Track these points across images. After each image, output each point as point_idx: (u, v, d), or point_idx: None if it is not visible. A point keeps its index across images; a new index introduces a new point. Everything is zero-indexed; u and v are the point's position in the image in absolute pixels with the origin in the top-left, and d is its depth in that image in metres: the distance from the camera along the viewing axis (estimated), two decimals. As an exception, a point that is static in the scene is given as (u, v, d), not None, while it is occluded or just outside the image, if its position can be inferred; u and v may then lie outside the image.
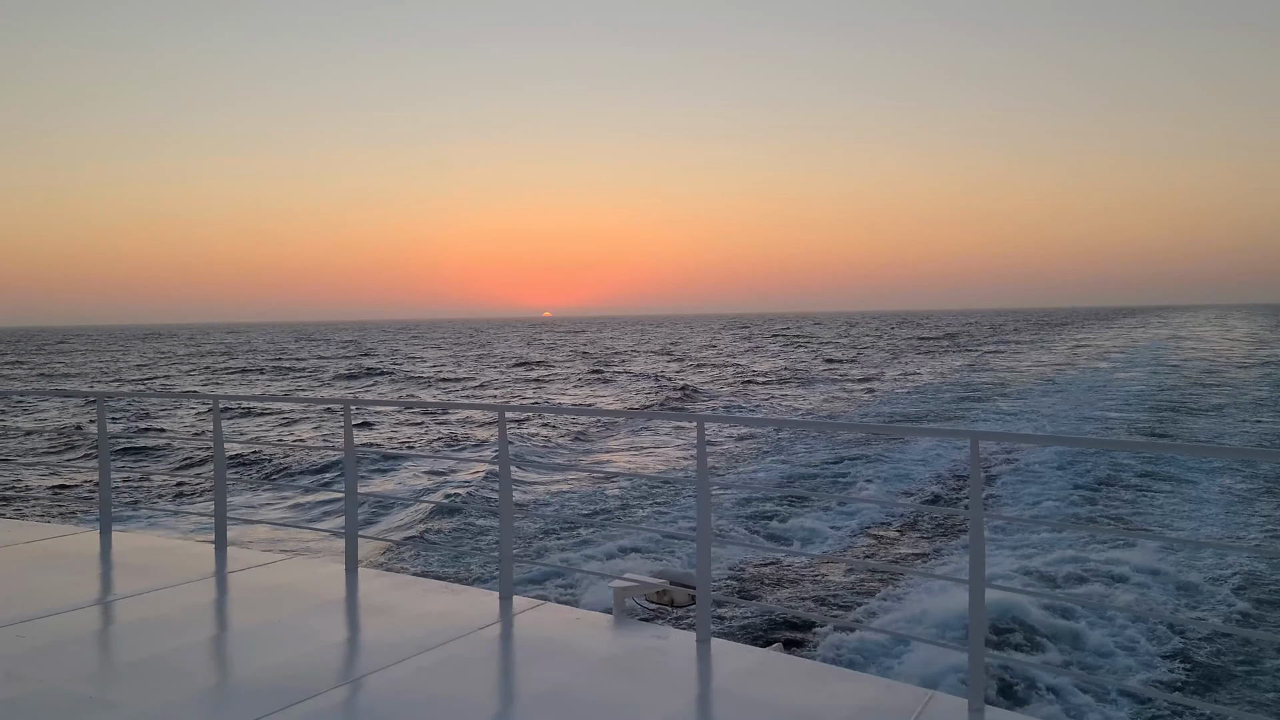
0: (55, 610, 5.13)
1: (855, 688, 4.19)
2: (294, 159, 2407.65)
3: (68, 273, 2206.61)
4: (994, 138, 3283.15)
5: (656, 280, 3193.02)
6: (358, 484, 6.09)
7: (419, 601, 5.39)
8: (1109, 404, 31.75)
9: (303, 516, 17.18)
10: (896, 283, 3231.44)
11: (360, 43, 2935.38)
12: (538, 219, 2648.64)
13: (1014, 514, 15.60)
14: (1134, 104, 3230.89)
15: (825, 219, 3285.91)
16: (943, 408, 32.87)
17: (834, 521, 15.17)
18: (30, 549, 6.61)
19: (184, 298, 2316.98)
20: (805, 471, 20.35)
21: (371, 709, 3.89)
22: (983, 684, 3.79)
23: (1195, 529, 14.54)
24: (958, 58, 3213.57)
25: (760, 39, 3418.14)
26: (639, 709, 3.88)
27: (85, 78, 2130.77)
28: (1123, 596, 11.03)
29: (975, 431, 3.99)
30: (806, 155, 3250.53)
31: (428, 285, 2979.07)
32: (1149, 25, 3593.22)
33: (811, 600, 11.42)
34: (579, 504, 17.56)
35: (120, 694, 4.04)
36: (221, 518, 6.65)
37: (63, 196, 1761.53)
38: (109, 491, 7.13)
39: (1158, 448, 13.41)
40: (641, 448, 24.96)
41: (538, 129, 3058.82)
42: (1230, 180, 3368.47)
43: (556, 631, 4.88)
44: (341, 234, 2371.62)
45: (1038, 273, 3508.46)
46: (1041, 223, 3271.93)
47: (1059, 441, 4.54)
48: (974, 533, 3.81)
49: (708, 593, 4.62)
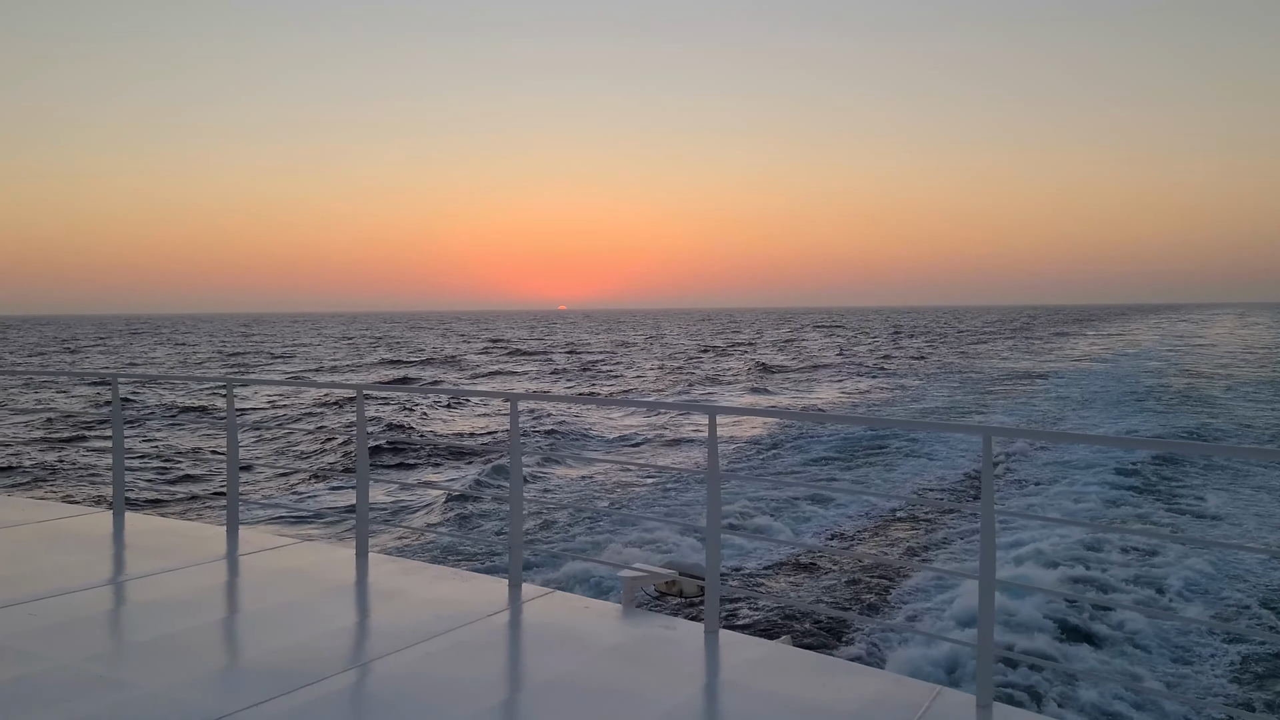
0: (67, 590, 5.17)
1: (863, 682, 4.18)
2: (309, 150, 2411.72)
3: (78, 261, 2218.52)
4: (996, 133, 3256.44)
5: (666, 274, 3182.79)
6: (369, 469, 6.10)
7: (428, 587, 5.40)
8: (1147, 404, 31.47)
9: (314, 501, 17.26)
10: (929, 279, 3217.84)
11: (375, 34, 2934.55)
12: (549, 212, 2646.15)
13: (1025, 510, 15.52)
14: (1136, 99, 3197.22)
15: (839, 212, 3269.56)
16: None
17: (844, 515, 15.15)
18: (43, 529, 6.65)
19: (197, 288, 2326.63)
20: (816, 464, 20.31)
21: (380, 693, 3.91)
22: (991, 681, 3.76)
23: (1208, 529, 14.45)
24: (963, 52, 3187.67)
25: (786, 37, 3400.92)
26: (646, 698, 3.87)
27: (101, 69, 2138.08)
28: (1135, 595, 10.98)
29: (988, 427, 3.97)
30: (809, 149, 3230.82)
31: (443, 278, 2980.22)
32: (1151, 23, 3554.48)
33: (821, 593, 11.40)
34: (589, 493, 17.58)
35: (130, 674, 4.06)
36: (233, 500, 6.67)
37: (76, 187, 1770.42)
38: (122, 472, 7.17)
39: (1173, 446, 13.32)
40: (653, 438, 24.97)
41: (552, 122, 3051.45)
42: (1231, 180, 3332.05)
43: (565, 620, 4.88)
44: (358, 226, 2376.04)
45: (1039, 270, 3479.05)
46: (1047, 219, 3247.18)
47: (1072, 439, 4.51)
48: (985, 528, 3.79)
49: (717, 584, 4.61)
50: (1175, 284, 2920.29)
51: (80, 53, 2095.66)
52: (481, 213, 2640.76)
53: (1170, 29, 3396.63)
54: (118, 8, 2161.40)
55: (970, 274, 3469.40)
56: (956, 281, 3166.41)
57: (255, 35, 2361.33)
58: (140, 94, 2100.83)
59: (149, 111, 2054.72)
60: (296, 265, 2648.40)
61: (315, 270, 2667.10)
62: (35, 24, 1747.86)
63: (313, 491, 17.99)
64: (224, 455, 6.85)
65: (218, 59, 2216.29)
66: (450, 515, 15.68)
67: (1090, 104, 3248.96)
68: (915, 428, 29.84)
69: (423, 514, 15.89)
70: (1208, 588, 11.22)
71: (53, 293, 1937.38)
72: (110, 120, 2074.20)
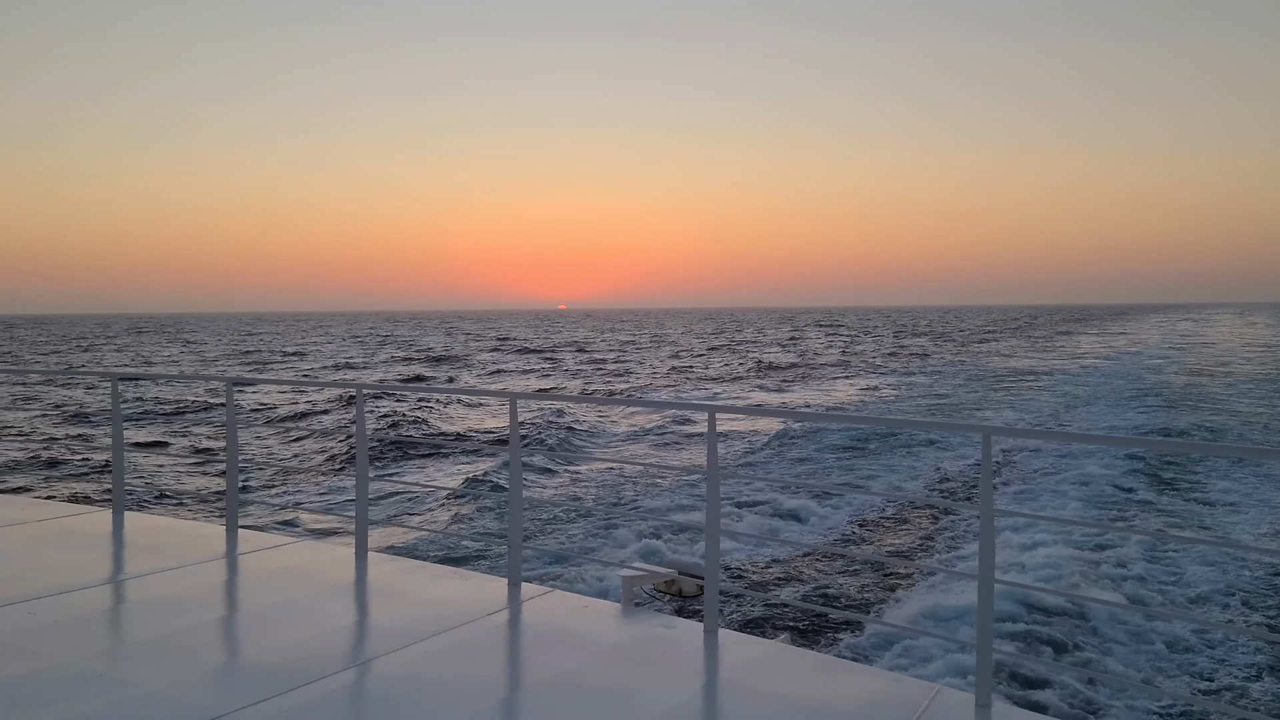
0: (66, 588, 5.16)
1: (862, 681, 4.18)
2: (309, 150, 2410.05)
3: (78, 261, 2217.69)
4: (996, 133, 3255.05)
5: (666, 274, 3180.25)
6: (369, 468, 6.10)
7: (428, 586, 5.40)
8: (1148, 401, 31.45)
9: (314, 500, 17.26)
10: (915, 278, 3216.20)
11: (375, 34, 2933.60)
12: (548, 212, 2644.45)
13: (1024, 509, 15.52)
14: (1136, 99, 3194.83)
15: (839, 212, 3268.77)
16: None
17: (844, 514, 15.15)
18: (43, 527, 6.65)
19: (198, 288, 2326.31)
20: (816, 463, 20.31)
21: (379, 692, 3.91)
22: (990, 680, 3.77)
23: (1209, 528, 14.45)
24: (963, 52, 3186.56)
25: (786, 37, 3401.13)
26: (645, 697, 3.87)
27: (103, 69, 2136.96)
28: (1135, 595, 10.97)
29: (987, 426, 3.97)
30: (809, 149, 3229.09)
31: (442, 277, 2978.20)
32: (1151, 23, 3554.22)
33: (820, 592, 11.40)
34: (589, 492, 17.59)
35: (129, 672, 4.06)
36: (233, 499, 6.67)
37: (78, 187, 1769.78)
38: (122, 471, 7.17)
39: (1173, 447, 13.32)
40: (652, 437, 24.97)
41: (552, 122, 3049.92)
42: (1232, 180, 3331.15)
43: (564, 619, 4.88)
44: (358, 225, 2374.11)
45: (1039, 270, 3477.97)
46: (1047, 219, 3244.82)
47: (1072, 439, 4.50)
48: (984, 528, 3.79)
49: (716, 583, 4.61)
50: (1176, 284, 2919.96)
51: (83, 52, 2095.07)
52: (481, 212, 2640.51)
53: (1170, 28, 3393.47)
54: (124, 7, 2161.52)
55: (970, 274, 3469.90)
56: (957, 281, 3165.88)
57: (260, 36, 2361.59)
58: (145, 93, 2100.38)
59: (152, 110, 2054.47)
60: (297, 265, 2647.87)
61: (316, 270, 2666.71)
62: (36, 24, 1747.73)
63: (312, 490, 17.99)
64: (224, 454, 6.85)
65: (224, 58, 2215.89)
66: (450, 514, 15.69)
67: (1090, 104, 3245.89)
68: (915, 427, 29.84)
69: (422, 513, 15.90)
70: (1209, 587, 11.21)
71: (52, 293, 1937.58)
72: (112, 120, 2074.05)
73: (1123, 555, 12.23)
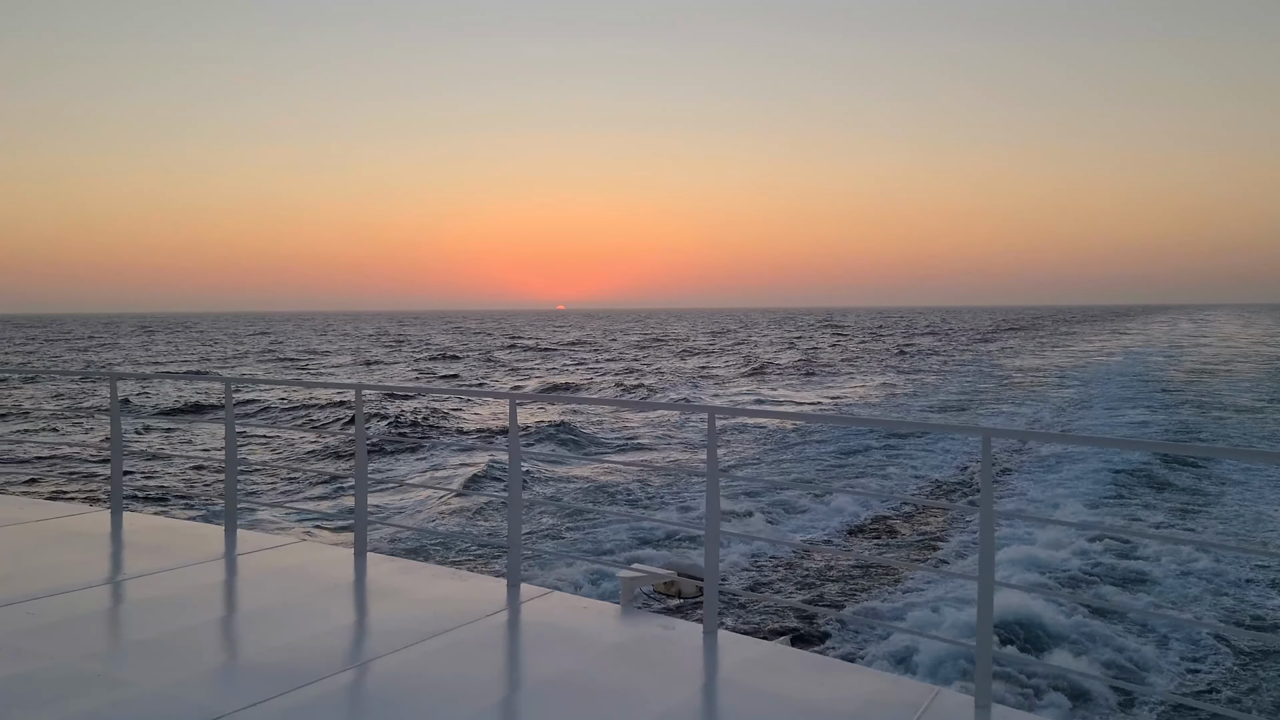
0: (65, 589, 5.16)
1: (861, 682, 4.18)
2: (309, 149, 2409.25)
3: (79, 261, 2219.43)
4: (996, 133, 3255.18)
5: (666, 274, 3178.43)
6: (368, 468, 6.10)
7: (427, 587, 5.40)
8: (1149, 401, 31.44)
9: (313, 500, 17.26)
10: (912, 279, 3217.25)
11: (375, 34, 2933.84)
12: (548, 211, 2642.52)
13: (1023, 510, 15.52)
14: (1136, 99, 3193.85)
15: (839, 212, 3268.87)
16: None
17: (844, 516, 15.14)
18: (42, 527, 6.65)
19: (199, 288, 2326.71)
20: (815, 464, 20.31)
21: (378, 692, 3.90)
22: (989, 681, 3.76)
23: (1200, 529, 14.45)
24: (963, 52, 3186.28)
25: (787, 37, 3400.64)
26: (645, 698, 3.87)
27: (106, 68, 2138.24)
28: (1134, 596, 10.97)
29: (987, 428, 3.97)
30: (809, 149, 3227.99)
31: (442, 277, 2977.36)
32: (1151, 23, 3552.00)
33: (819, 594, 11.40)
34: (588, 493, 17.58)
35: (128, 672, 4.06)
36: (232, 500, 6.67)
37: (80, 186, 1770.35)
38: (120, 471, 7.17)
39: (1173, 448, 13.32)
40: (652, 438, 24.97)
41: (552, 122, 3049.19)
42: (1232, 180, 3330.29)
43: (563, 620, 4.88)
44: (359, 224, 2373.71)
45: (1040, 270, 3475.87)
46: (1047, 219, 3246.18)
47: (1071, 440, 4.51)
48: (984, 529, 3.79)
49: (715, 584, 4.61)
50: (1176, 284, 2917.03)
51: (85, 52, 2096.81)
52: (480, 212, 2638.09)
53: (1170, 29, 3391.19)
54: (124, 7, 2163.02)
55: (971, 274, 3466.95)
56: (957, 282, 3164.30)
57: (260, 35, 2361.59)
58: (146, 93, 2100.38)
59: (153, 110, 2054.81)
60: (297, 264, 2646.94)
61: (316, 269, 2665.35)
62: (37, 24, 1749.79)
63: (311, 490, 17.98)
64: (223, 454, 6.84)
65: (224, 58, 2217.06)
66: (449, 515, 15.68)
67: (1090, 104, 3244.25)
68: (915, 428, 29.87)
69: (422, 513, 15.89)
70: (1208, 588, 11.21)
71: (54, 292, 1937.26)
72: (113, 119, 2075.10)
73: (1123, 556, 12.23)
